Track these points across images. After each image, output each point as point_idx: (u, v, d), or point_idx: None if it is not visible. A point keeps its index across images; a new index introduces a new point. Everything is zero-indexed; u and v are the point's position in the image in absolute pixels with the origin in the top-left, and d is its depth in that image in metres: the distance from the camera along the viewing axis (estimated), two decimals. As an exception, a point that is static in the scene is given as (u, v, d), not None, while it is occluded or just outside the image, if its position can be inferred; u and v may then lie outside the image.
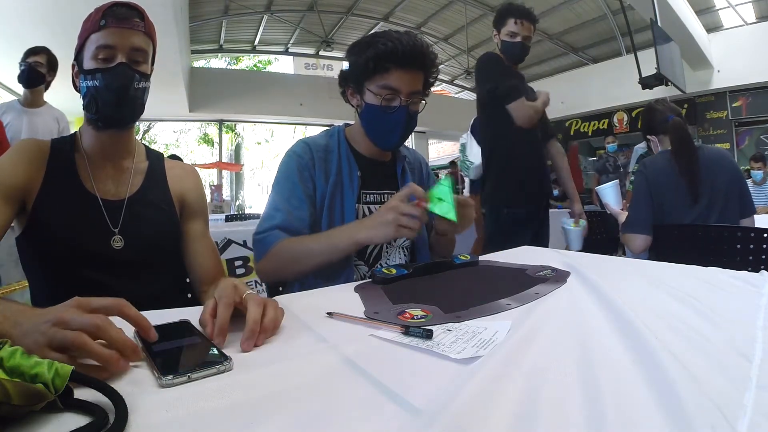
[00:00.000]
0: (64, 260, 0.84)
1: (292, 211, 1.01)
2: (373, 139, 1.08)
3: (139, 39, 0.85)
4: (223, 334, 0.52)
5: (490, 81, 1.93)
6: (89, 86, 0.83)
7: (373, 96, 1.02)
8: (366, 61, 1.00)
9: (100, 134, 0.89)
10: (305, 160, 1.05)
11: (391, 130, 1.05)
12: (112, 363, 0.42)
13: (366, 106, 1.05)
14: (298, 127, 13.00)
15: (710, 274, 0.86)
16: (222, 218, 4.27)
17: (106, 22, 0.82)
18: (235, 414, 0.36)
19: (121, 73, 0.83)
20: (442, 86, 13.84)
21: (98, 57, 0.82)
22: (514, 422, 0.34)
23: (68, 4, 4.14)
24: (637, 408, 0.36)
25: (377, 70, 1.00)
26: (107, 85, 0.82)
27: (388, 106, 1.02)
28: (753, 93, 7.84)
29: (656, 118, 1.69)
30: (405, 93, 1.01)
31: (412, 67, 1.01)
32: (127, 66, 0.83)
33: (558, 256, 1.12)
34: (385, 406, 0.37)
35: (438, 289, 0.80)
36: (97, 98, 0.83)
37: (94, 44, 0.82)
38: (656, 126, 1.69)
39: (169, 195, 0.97)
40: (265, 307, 0.55)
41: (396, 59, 0.98)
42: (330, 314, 0.62)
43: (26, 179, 0.83)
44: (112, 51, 0.82)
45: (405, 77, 1.00)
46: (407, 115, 1.03)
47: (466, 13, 9.79)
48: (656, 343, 0.47)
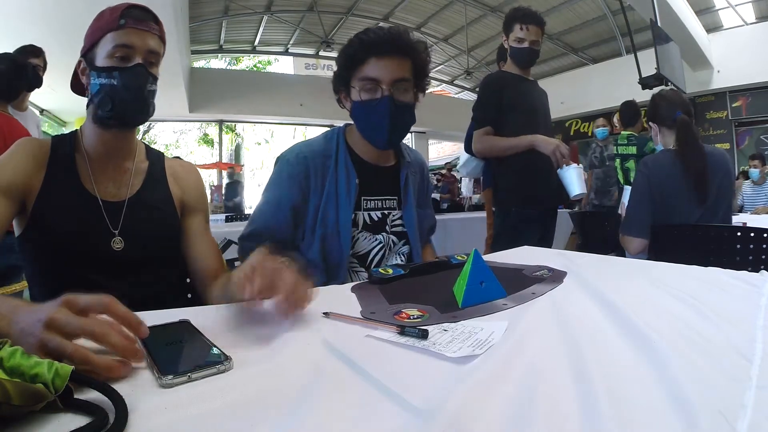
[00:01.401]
0: (63, 261, 0.84)
1: (269, 218, 1.04)
2: (367, 138, 1.07)
3: (154, 42, 0.86)
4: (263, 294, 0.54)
5: (476, 108, 1.99)
6: (104, 84, 0.83)
7: (357, 92, 1.02)
8: (345, 59, 1.01)
9: (104, 133, 0.89)
10: (297, 170, 1.05)
11: (378, 123, 1.02)
12: (114, 371, 0.41)
13: (353, 105, 1.04)
14: (298, 127, 13.00)
15: (710, 274, 0.86)
16: (222, 218, 4.27)
17: (126, 22, 0.83)
18: (235, 414, 0.36)
19: (139, 74, 0.84)
20: (442, 86, 13.84)
21: (115, 55, 0.83)
22: (511, 421, 0.34)
23: (68, 4, 4.15)
24: (635, 408, 0.36)
25: (355, 64, 1.00)
26: (125, 84, 0.83)
27: (371, 99, 1.01)
28: (753, 93, 7.85)
29: (662, 109, 1.64)
30: (387, 81, 0.99)
31: (390, 54, 0.99)
32: (144, 67, 0.84)
33: (555, 256, 1.12)
34: (385, 405, 0.37)
35: (434, 289, 0.80)
36: (113, 97, 0.83)
37: (111, 43, 0.83)
38: (661, 117, 1.64)
39: (169, 195, 0.96)
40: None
41: (371, 49, 0.98)
42: (326, 314, 0.62)
43: (26, 178, 0.83)
44: (131, 51, 0.83)
45: (383, 64, 0.99)
46: (392, 105, 1.00)
47: (466, 13, 9.79)
48: (655, 343, 0.47)
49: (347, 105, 1.08)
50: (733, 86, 7.92)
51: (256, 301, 0.54)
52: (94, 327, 0.43)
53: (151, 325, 0.54)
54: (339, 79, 1.07)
